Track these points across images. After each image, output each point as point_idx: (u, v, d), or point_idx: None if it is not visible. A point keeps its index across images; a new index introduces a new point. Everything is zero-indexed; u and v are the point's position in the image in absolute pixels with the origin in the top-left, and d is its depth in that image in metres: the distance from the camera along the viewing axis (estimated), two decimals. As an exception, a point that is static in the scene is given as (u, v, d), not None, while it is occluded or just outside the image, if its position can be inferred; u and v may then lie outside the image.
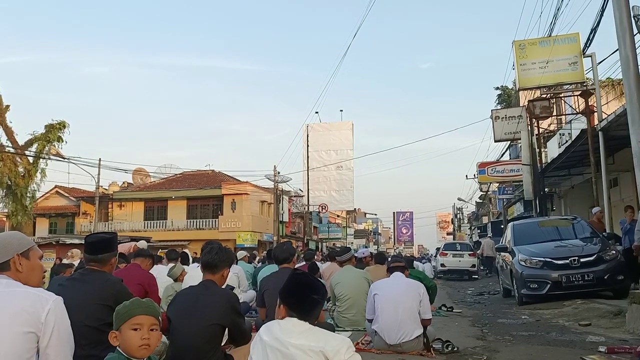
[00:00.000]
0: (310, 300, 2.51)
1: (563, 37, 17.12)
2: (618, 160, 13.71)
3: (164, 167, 42.33)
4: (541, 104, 17.71)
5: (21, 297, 2.22)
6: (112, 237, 3.81)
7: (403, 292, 5.17)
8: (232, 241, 33.41)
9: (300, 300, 2.52)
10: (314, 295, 2.52)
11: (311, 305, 2.51)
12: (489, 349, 5.70)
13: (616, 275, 9.07)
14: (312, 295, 2.52)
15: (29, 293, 2.27)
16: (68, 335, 2.31)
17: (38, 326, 2.17)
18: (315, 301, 2.53)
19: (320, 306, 2.58)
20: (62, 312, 2.28)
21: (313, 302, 2.52)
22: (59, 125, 32.80)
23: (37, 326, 2.17)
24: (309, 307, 2.51)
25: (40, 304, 2.20)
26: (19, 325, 2.13)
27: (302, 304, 2.51)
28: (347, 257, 7.45)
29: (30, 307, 2.18)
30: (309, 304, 2.51)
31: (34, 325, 2.16)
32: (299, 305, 2.51)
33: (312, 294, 2.53)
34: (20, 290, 2.29)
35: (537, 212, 18.04)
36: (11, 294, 2.25)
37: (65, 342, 2.27)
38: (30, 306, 2.18)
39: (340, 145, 45.31)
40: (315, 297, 2.53)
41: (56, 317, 2.22)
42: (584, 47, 16.04)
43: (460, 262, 23.93)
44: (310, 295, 2.52)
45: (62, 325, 2.26)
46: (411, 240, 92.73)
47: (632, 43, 6.72)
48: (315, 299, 2.52)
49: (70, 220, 40.20)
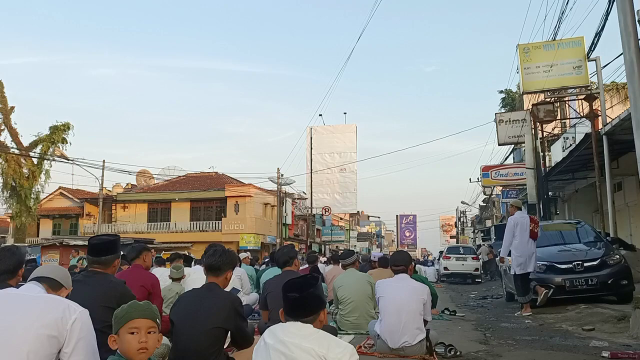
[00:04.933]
0: (300, 301, 2.53)
1: (567, 41, 17.12)
2: (622, 165, 13.68)
3: (167, 169, 42.47)
4: (545, 107, 17.67)
5: (51, 303, 2.32)
6: (115, 239, 3.82)
7: (407, 296, 5.15)
8: (235, 243, 33.45)
9: (293, 303, 2.54)
10: (303, 294, 2.54)
11: (302, 305, 2.53)
12: (492, 353, 5.68)
13: (620, 279, 9.03)
14: (302, 295, 2.54)
15: (60, 301, 2.37)
16: (93, 348, 2.36)
17: (62, 332, 2.22)
18: (304, 300, 2.53)
19: (315, 303, 2.57)
20: (89, 324, 2.35)
21: (301, 301, 2.53)
22: (63, 127, 32.95)
23: (62, 332, 2.22)
24: (300, 308, 2.53)
25: (68, 312, 2.28)
26: (45, 328, 2.18)
27: (295, 306, 2.53)
28: (350, 260, 7.43)
29: (58, 313, 2.24)
30: (299, 304, 2.53)
31: (58, 331, 2.21)
32: (292, 309, 2.54)
33: (302, 294, 2.54)
34: (51, 297, 2.45)
35: (541, 216, 17.99)
36: (42, 298, 2.39)
37: (90, 353, 2.32)
38: (59, 312, 2.25)
39: (344, 148, 45.37)
40: (304, 296, 2.54)
41: (82, 327, 2.29)
42: (589, 50, 16.03)
43: (463, 265, 23.90)
44: (301, 296, 2.54)
45: (88, 335, 2.33)
46: (414, 244, 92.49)
47: (636, 47, 6.69)
48: (303, 297, 2.54)
49: (74, 222, 40.33)
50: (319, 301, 2.60)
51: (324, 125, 45.72)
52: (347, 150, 45.36)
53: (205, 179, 41.08)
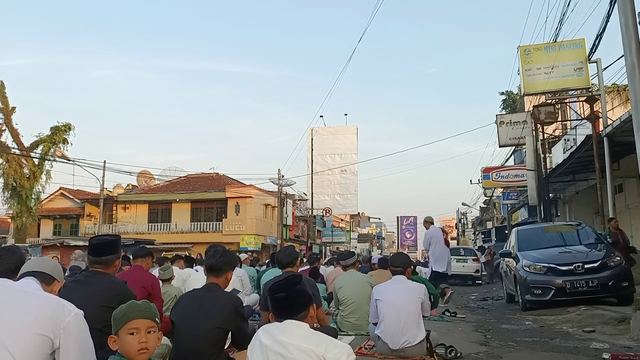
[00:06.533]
0: (287, 300, 2.55)
1: (568, 43, 17.12)
2: (623, 167, 13.68)
3: (168, 169, 42.46)
4: (546, 109, 17.69)
5: (46, 302, 2.30)
6: (115, 239, 3.82)
7: (405, 296, 5.17)
8: (236, 244, 33.43)
9: (281, 303, 2.57)
10: (290, 292, 2.56)
11: (291, 303, 2.55)
12: (493, 354, 5.67)
13: (621, 281, 9.03)
14: (289, 293, 2.56)
15: (55, 300, 2.35)
16: (88, 349, 2.34)
17: (56, 332, 2.19)
18: (292, 298, 2.55)
19: (303, 299, 2.59)
20: (84, 325, 2.33)
21: (289, 299, 2.55)
22: (64, 128, 32.99)
23: (55, 332, 2.19)
24: (290, 306, 2.54)
25: (62, 312, 2.26)
26: (38, 326, 2.16)
27: (284, 305, 2.56)
28: (350, 261, 7.43)
29: (52, 313, 2.22)
30: (288, 303, 2.55)
31: (51, 331, 2.19)
32: (282, 308, 2.56)
33: (289, 292, 2.56)
34: (46, 295, 2.43)
35: (542, 218, 18.02)
36: (38, 296, 2.36)
37: (84, 355, 2.30)
38: (52, 311, 2.23)
39: (345, 149, 45.34)
40: (291, 293, 2.56)
41: (77, 328, 2.27)
42: (590, 52, 16.02)
43: (463, 267, 23.89)
44: (287, 295, 2.56)
45: (82, 335, 2.30)
46: (415, 245, 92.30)
47: (637, 49, 6.69)
48: (290, 295, 2.56)
49: (75, 222, 40.31)
50: (307, 297, 2.61)
51: (324, 127, 45.71)
52: (348, 151, 45.33)
53: (206, 180, 41.09)
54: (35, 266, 2.82)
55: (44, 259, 3.44)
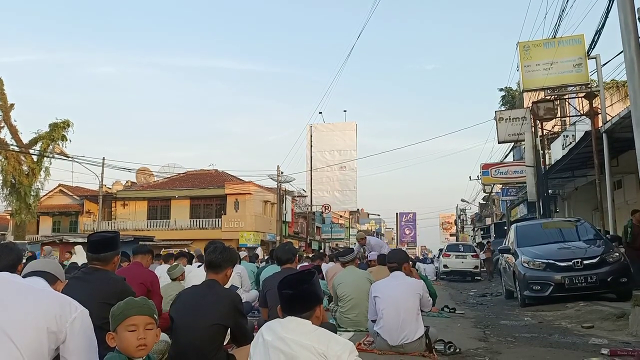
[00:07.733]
0: (294, 297, 2.54)
1: (568, 39, 17.08)
2: (622, 163, 13.67)
3: (167, 166, 42.49)
4: (545, 105, 17.65)
5: (53, 298, 2.31)
6: (114, 236, 3.81)
7: (404, 293, 5.19)
8: (235, 241, 33.43)
9: (288, 299, 2.56)
10: (298, 290, 2.55)
11: (297, 301, 2.54)
12: (491, 350, 5.69)
13: (619, 277, 9.05)
14: (296, 291, 2.55)
15: (62, 297, 2.36)
16: (93, 347, 2.34)
17: (62, 328, 2.20)
18: (299, 296, 2.54)
19: (310, 299, 2.58)
20: (89, 323, 2.34)
21: (296, 297, 2.54)
22: (63, 124, 32.90)
23: (61, 328, 2.20)
24: (295, 304, 2.54)
25: (69, 308, 2.27)
26: (45, 322, 2.17)
27: (290, 302, 2.55)
28: (349, 257, 7.44)
29: (59, 309, 2.23)
30: (294, 300, 2.54)
31: (57, 327, 2.20)
32: (288, 305, 2.55)
33: (296, 290, 2.55)
34: (54, 292, 2.49)
35: (541, 214, 18.01)
36: (46, 293, 2.39)
37: (89, 352, 2.30)
38: (60, 308, 2.24)
39: (344, 146, 45.37)
40: (298, 292, 2.55)
41: (82, 325, 2.27)
42: (589, 48, 15.98)
43: (463, 263, 23.96)
44: (295, 292, 2.55)
45: (87, 332, 2.31)
46: (414, 241, 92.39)
47: (637, 45, 6.69)
48: (298, 293, 2.54)
49: (74, 219, 40.32)
50: (314, 297, 2.59)
51: (324, 123, 45.69)
52: (347, 148, 45.35)
53: (205, 176, 41.07)
54: (41, 266, 2.91)
55: (47, 260, 3.53)
